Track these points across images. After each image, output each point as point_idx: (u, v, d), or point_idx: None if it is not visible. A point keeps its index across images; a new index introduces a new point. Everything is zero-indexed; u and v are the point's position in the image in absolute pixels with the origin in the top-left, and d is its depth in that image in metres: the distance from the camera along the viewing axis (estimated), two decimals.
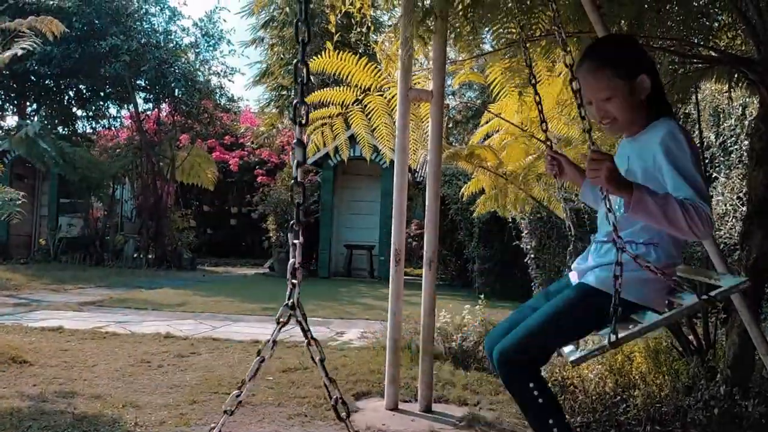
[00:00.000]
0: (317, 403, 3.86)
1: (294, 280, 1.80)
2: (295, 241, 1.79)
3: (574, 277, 2.27)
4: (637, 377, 3.71)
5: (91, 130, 17.23)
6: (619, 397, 3.62)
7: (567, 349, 2.07)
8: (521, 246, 8.91)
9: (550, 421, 2.02)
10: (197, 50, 15.78)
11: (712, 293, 1.96)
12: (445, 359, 4.92)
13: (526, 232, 8.74)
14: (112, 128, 17.07)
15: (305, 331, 1.84)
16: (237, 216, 17.47)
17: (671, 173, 1.89)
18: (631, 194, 1.82)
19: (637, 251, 1.99)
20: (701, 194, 1.85)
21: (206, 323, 6.77)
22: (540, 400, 2.03)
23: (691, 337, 4.01)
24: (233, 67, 19.28)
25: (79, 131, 16.93)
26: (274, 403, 3.84)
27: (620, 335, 1.92)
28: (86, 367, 4.53)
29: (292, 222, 1.81)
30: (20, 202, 9.82)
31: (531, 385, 2.03)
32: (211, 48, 16.03)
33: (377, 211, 13.06)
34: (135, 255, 14.32)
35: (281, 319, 1.85)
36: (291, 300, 1.81)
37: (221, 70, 16.43)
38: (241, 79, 21.27)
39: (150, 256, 14.12)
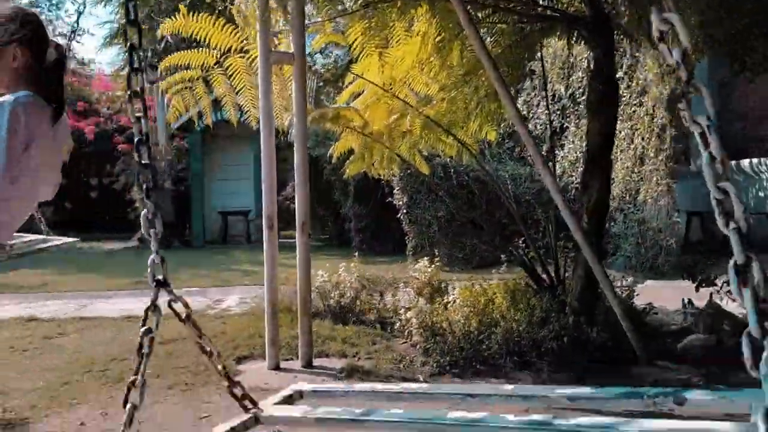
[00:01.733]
0: (197, 371, 3.87)
1: (157, 262, 1.63)
2: (149, 205, 1.67)
3: None
4: (498, 316, 4.04)
5: None
6: (483, 336, 3.93)
7: None
8: (394, 202, 9.19)
9: None
10: (39, 9, 14.44)
11: None
12: (324, 316, 5.06)
13: (397, 188, 9.01)
14: None
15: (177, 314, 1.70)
16: (98, 188, 16.44)
17: None
18: None
19: None
20: None
21: (73, 302, 6.44)
22: None
23: (544, 276, 4.41)
24: (81, 28, 17.87)
25: None
26: (152, 375, 3.79)
27: None
28: None
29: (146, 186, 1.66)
30: None
31: None
32: (54, 7, 14.74)
33: (250, 174, 12.80)
34: None
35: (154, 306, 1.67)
36: (158, 277, 1.64)
37: (67, 32, 15.18)
38: (92, 40, 19.83)
39: None
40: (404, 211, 8.98)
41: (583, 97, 9.85)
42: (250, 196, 12.94)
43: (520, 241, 5.48)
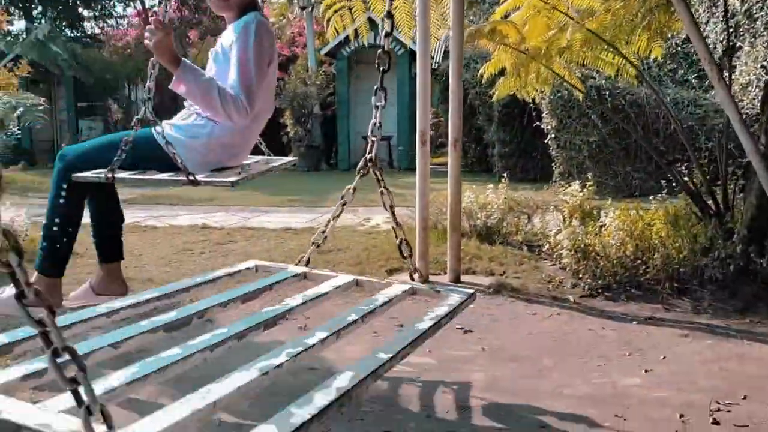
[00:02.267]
0: (357, 263, 4.14)
1: (373, 138, 2.13)
2: (378, 104, 2.08)
3: None
4: (656, 242, 3.88)
5: (99, 31, 16.96)
6: (639, 261, 3.82)
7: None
8: (541, 126, 8.92)
9: (56, 220, 2.25)
10: None
11: (198, 177, 2.13)
12: (470, 236, 5.13)
13: (546, 112, 8.72)
14: (120, 27, 16.78)
15: (379, 180, 2.19)
16: None
17: (233, 59, 2.12)
18: (176, 69, 2.06)
19: (200, 121, 2.24)
20: (247, 87, 2.08)
21: (238, 215, 7.03)
22: (61, 201, 2.25)
23: (710, 202, 4.15)
24: None
25: (87, 32, 16.68)
26: (323, 265, 4.12)
27: (121, 175, 2.14)
28: (133, 257, 4.82)
29: (376, 87, 2.06)
30: (42, 107, 9.91)
31: (63, 185, 2.24)
32: None
33: (394, 101, 12.92)
34: None
35: (361, 171, 2.19)
36: (370, 155, 2.15)
37: None
38: None
39: None
40: (552, 135, 8.70)
41: (762, 12, 8.80)
42: (393, 123, 13.12)
43: (683, 167, 5.17)
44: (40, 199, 8.76)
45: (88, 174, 2.17)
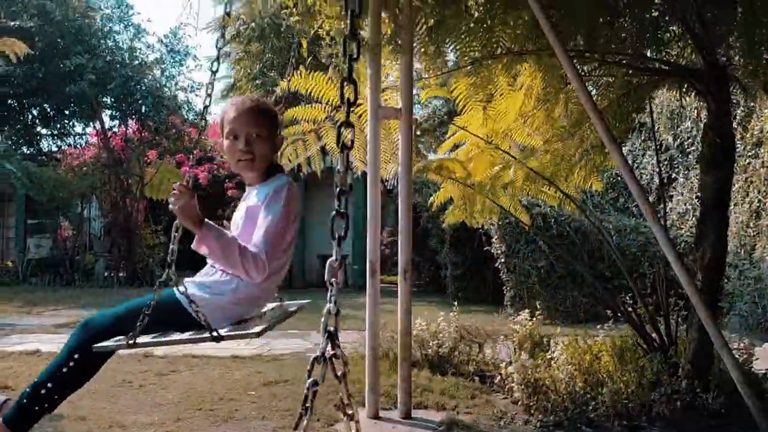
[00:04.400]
0: None
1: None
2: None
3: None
4: (604, 375, 3.89)
5: (56, 149, 17.01)
6: (588, 396, 3.80)
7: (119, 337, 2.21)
8: (492, 251, 9.11)
9: (49, 385, 2.22)
10: (163, 66, 15.70)
11: (222, 332, 2.12)
12: (422, 366, 5.06)
13: (496, 237, 8.95)
14: (78, 146, 16.88)
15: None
16: None
17: (262, 221, 2.22)
18: (200, 230, 2.15)
19: (225, 278, 2.28)
20: (269, 248, 2.16)
21: None
22: (65, 369, 2.22)
23: (654, 335, 4.22)
24: (200, 82, 19.19)
25: (44, 150, 16.70)
26: (258, 417, 3.93)
27: (141, 340, 2.10)
28: None
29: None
30: None
31: (75, 355, 2.22)
32: (177, 64, 15.98)
33: (350, 222, 13.16)
34: (106, 274, 14.14)
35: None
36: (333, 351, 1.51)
37: (188, 86, 16.43)
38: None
39: (121, 275, 13.97)
40: (502, 260, 8.88)
41: (693, 148, 9.48)
42: (349, 243, 13.26)
43: (627, 297, 5.28)
44: None
45: (108, 343, 2.13)
